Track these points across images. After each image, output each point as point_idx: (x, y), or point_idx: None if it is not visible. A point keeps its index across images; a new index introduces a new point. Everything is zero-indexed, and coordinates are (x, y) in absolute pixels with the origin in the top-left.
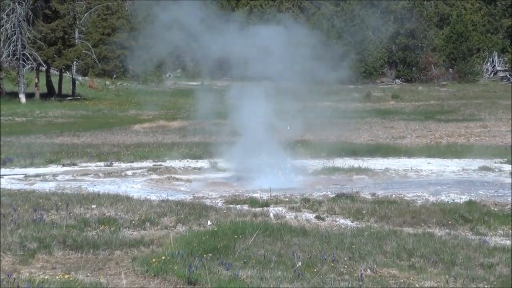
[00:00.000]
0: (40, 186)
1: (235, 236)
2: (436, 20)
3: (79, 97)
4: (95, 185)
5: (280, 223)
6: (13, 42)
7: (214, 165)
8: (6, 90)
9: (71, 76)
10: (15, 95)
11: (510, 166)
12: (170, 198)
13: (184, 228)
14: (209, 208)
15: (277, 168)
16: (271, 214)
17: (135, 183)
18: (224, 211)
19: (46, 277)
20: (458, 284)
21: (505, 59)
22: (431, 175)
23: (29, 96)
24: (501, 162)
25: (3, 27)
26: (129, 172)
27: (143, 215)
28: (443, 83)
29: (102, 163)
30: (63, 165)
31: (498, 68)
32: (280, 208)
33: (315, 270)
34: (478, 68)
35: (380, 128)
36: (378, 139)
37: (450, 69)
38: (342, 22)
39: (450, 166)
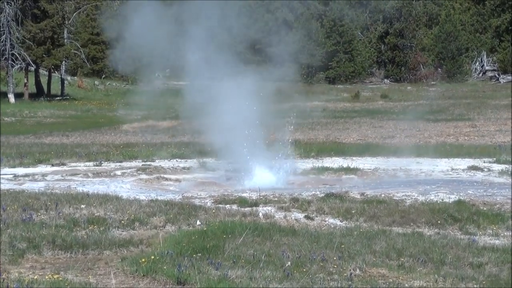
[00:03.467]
0: (29, 186)
1: (224, 236)
2: (425, 20)
3: (68, 97)
4: (84, 185)
5: (270, 222)
6: (2, 42)
7: (203, 164)
8: None
9: (60, 76)
10: (4, 95)
11: (499, 165)
12: (159, 198)
13: (173, 228)
14: (198, 208)
15: (266, 168)
16: (260, 214)
17: (124, 183)
18: (213, 211)
19: (36, 277)
20: (447, 284)
21: (493, 58)
22: (420, 175)
23: (18, 96)
24: (490, 162)
25: None
26: (118, 172)
27: (132, 215)
28: (432, 82)
29: (91, 163)
30: (52, 165)
31: (487, 68)
32: (269, 208)
33: (304, 270)
34: (467, 67)
35: (369, 127)
36: (367, 138)
37: (439, 69)
38: (331, 22)
39: (439, 166)
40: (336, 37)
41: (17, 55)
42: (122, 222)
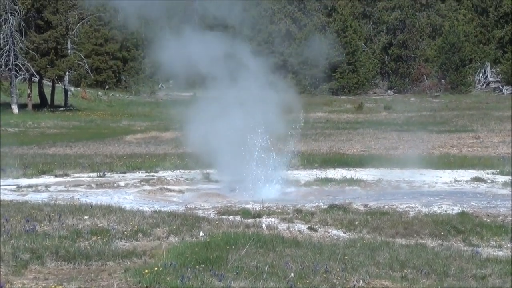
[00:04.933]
0: (32, 196)
1: (228, 247)
2: (429, 31)
3: (71, 108)
4: (87, 196)
5: (273, 234)
6: (6, 52)
7: (207, 176)
8: None
9: (63, 87)
10: (7, 105)
11: (503, 177)
12: (162, 209)
13: (176, 239)
14: (202, 219)
15: (269, 179)
16: (264, 225)
17: (128, 194)
18: (217, 222)
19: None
20: None
21: (497, 70)
22: (423, 186)
23: (22, 106)
24: (493, 173)
25: None
26: (122, 183)
27: (136, 226)
28: (436, 94)
29: (94, 174)
30: (56, 176)
31: (490, 79)
32: (273, 219)
33: (307, 281)
34: (470, 79)
35: (372, 139)
36: (371, 150)
37: (443, 80)
38: (334, 33)
39: (443, 177)
40: (339, 48)
41: (21, 65)
42: (125, 233)
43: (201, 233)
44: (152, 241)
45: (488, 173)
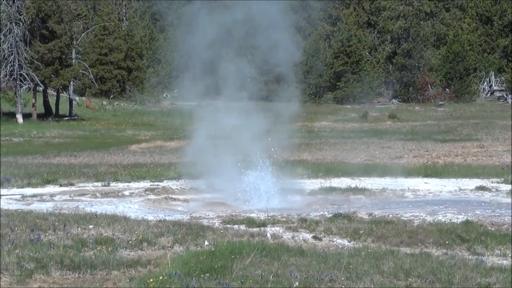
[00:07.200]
0: (37, 206)
1: (232, 256)
2: (433, 40)
3: (76, 117)
4: (92, 205)
5: (277, 243)
6: (10, 62)
7: (211, 185)
8: (3, 110)
9: (68, 96)
10: (12, 115)
11: (507, 186)
12: (167, 218)
13: (181, 248)
14: (206, 228)
15: (274, 188)
16: (268, 234)
17: (132, 203)
18: (221, 231)
19: None
20: None
21: (501, 78)
22: (428, 195)
23: (26, 116)
24: (498, 182)
25: (0, 47)
26: (126, 192)
27: (141, 235)
28: (440, 103)
29: (99, 183)
30: (60, 185)
31: (495, 88)
32: (277, 228)
33: None
34: (475, 88)
35: (377, 148)
36: (375, 159)
37: (447, 89)
38: (338, 42)
39: (447, 186)
40: (344, 57)
41: (26, 75)
42: (130, 242)
43: (206, 242)
44: (157, 250)
45: (492, 182)
